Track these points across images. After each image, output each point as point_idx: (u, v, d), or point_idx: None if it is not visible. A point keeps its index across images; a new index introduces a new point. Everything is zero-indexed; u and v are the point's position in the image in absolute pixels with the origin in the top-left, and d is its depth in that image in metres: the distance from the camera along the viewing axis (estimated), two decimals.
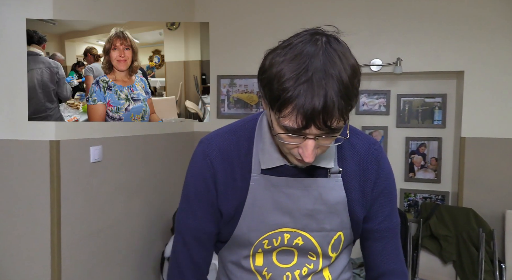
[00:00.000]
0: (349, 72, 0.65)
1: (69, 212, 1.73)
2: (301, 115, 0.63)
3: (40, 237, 1.66)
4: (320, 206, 0.82)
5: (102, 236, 1.97)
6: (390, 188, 0.89)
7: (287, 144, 0.71)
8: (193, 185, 0.86)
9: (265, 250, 0.86)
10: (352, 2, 2.74)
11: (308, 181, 0.82)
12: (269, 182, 0.82)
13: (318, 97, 0.62)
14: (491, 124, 2.55)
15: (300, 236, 0.84)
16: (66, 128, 1.70)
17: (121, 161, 2.11)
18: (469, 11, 2.55)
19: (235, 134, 0.86)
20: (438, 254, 2.53)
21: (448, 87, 2.78)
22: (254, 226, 0.83)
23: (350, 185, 0.85)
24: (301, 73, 0.63)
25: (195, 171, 0.86)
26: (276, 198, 0.82)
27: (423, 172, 2.85)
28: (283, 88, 0.64)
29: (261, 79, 0.71)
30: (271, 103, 0.67)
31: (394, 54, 2.68)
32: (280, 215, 0.82)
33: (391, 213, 0.90)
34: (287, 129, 0.67)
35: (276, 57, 0.67)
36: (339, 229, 0.85)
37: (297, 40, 0.67)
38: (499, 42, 2.51)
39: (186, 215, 0.88)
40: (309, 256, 0.87)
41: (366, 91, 2.91)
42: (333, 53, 0.65)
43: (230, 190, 0.83)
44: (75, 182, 1.76)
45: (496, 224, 2.51)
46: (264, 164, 0.81)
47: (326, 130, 0.65)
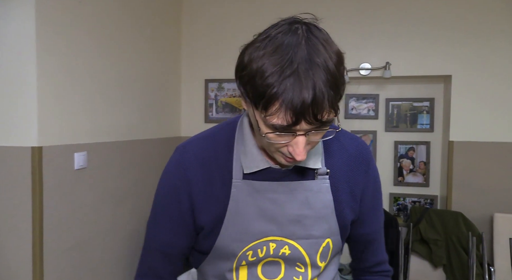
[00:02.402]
0: (334, 60, 0.61)
1: (52, 222, 1.65)
2: (290, 111, 0.59)
3: (21, 249, 1.57)
4: (307, 211, 0.77)
5: (87, 247, 1.88)
6: (378, 190, 0.89)
7: (275, 144, 0.66)
8: (163, 196, 0.81)
9: (249, 262, 0.80)
10: (341, 6, 2.74)
11: (294, 184, 0.77)
12: (252, 188, 0.76)
13: (307, 90, 0.58)
14: (479, 128, 2.58)
15: (287, 245, 0.78)
16: (49, 133, 1.62)
17: (107, 167, 2.03)
18: (456, 16, 2.58)
19: (213, 139, 0.80)
20: (429, 258, 2.53)
21: (435, 92, 2.80)
22: (237, 236, 0.77)
23: (339, 186, 0.80)
24: (285, 66, 0.58)
25: (166, 181, 0.81)
26: (260, 204, 0.76)
27: (412, 176, 2.86)
28: (267, 84, 0.59)
29: (240, 77, 0.65)
30: (255, 101, 0.62)
31: (383, 59, 2.68)
32: (264, 223, 0.77)
33: (379, 214, 0.91)
34: (275, 127, 0.62)
35: (256, 51, 0.62)
36: (328, 235, 0.80)
37: (276, 31, 0.62)
38: (486, 46, 2.55)
39: (154, 227, 0.84)
40: (296, 268, 0.81)
41: (355, 96, 2.91)
42: (315, 41, 0.61)
43: (210, 199, 0.78)
44: (58, 190, 1.68)
45: (484, 227, 2.53)
46: (247, 168, 0.76)
47: (317, 124, 0.61)
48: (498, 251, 2.43)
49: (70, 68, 1.75)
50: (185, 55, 2.98)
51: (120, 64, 2.14)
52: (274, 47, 0.60)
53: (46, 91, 1.59)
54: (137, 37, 2.32)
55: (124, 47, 2.18)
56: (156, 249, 0.84)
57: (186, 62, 2.98)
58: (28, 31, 1.52)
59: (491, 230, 2.49)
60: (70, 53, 1.74)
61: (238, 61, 0.67)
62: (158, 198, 0.83)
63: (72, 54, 1.75)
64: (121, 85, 2.16)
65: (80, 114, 1.82)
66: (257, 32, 0.67)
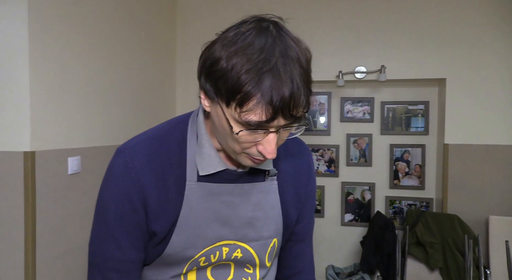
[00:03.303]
0: (304, 55, 0.62)
1: (45, 228, 1.61)
2: (269, 106, 0.58)
3: (13, 256, 1.53)
4: (258, 213, 0.77)
5: (81, 254, 1.85)
6: (315, 191, 0.92)
7: (244, 143, 0.64)
8: (114, 207, 0.72)
9: (200, 267, 0.77)
10: (336, 10, 2.75)
11: (247, 186, 0.76)
12: (207, 190, 0.73)
13: (286, 84, 0.58)
14: (474, 131, 2.59)
15: (239, 248, 0.78)
16: (42, 137, 1.59)
17: (101, 172, 1.98)
18: (451, 19, 2.60)
19: (163, 139, 0.74)
20: (425, 261, 2.53)
21: (430, 95, 2.81)
22: (190, 243, 0.73)
23: (285, 187, 0.81)
24: (262, 61, 0.58)
25: (115, 189, 0.72)
26: (215, 207, 0.74)
27: (408, 179, 2.86)
28: (243, 80, 0.58)
29: (209, 73, 0.62)
30: (228, 98, 0.60)
31: (378, 62, 2.69)
32: (218, 227, 0.75)
33: (313, 214, 0.92)
34: (249, 124, 0.60)
35: (227, 47, 0.60)
36: (275, 235, 0.81)
37: (246, 28, 0.62)
38: (480, 49, 2.56)
39: (106, 245, 0.73)
40: (245, 269, 0.81)
41: (350, 99, 2.91)
42: (286, 38, 0.62)
43: (163, 205, 0.72)
44: (51, 196, 1.65)
45: (480, 229, 2.54)
46: (203, 170, 0.72)
47: (291, 120, 0.61)
48: (494, 254, 2.44)
49: (64, 71, 1.72)
50: (179, 57, 2.97)
51: (114, 68, 2.12)
52: (247, 43, 0.59)
53: (39, 95, 1.57)
54: (132, 40, 2.30)
55: (118, 50, 2.15)
56: (111, 269, 0.74)
57: (181, 65, 2.96)
58: (21, 33, 1.50)
59: (487, 232, 2.50)
60: (64, 56, 1.72)
61: (204, 57, 0.65)
62: (106, 208, 0.73)
63: (65, 57, 1.73)
64: (115, 89, 2.13)
65: (73, 118, 1.79)
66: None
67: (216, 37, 0.65)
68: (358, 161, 2.91)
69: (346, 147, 2.92)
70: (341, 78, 2.70)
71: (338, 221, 2.95)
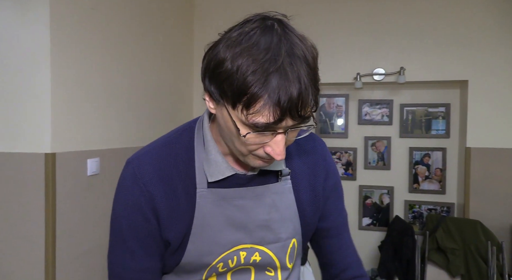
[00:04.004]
0: (312, 54, 0.60)
1: (64, 228, 1.64)
2: (277, 107, 0.56)
3: (33, 255, 1.56)
4: (274, 215, 0.75)
5: (100, 253, 1.88)
6: (338, 183, 0.88)
7: (251, 146, 0.63)
8: (126, 218, 0.72)
9: (219, 273, 0.76)
10: (354, 11, 2.72)
11: (260, 188, 0.74)
12: (218, 196, 0.72)
13: (294, 84, 0.56)
14: (497, 134, 2.51)
15: (257, 251, 0.76)
16: (62, 139, 1.62)
17: (119, 173, 2.01)
18: (473, 19, 2.53)
19: (170, 147, 0.74)
20: (446, 268, 2.46)
21: (451, 97, 2.75)
22: (206, 250, 0.73)
23: (300, 186, 0.79)
24: (268, 61, 0.56)
25: (126, 200, 0.72)
26: (228, 212, 0.73)
27: (428, 183, 2.79)
28: (250, 81, 0.56)
29: (214, 76, 0.61)
30: (234, 100, 0.58)
31: (397, 64, 2.64)
32: (233, 232, 0.73)
33: (342, 207, 0.89)
34: (257, 126, 0.58)
35: (231, 48, 0.59)
36: (293, 235, 0.79)
37: (250, 27, 0.60)
38: (503, 51, 2.49)
39: (122, 256, 0.74)
40: (267, 272, 0.79)
41: (369, 101, 2.87)
42: (292, 36, 0.60)
43: (174, 213, 0.72)
44: (71, 197, 1.68)
45: (504, 236, 2.46)
46: (212, 176, 0.71)
47: (299, 120, 0.60)
48: None
49: (84, 75, 1.75)
50: (197, 61, 2.99)
51: (132, 71, 2.15)
52: (252, 43, 0.58)
53: (59, 98, 1.60)
54: (150, 43, 2.33)
55: (136, 54, 2.18)
56: (129, 279, 0.75)
57: (199, 67, 2.96)
58: (43, 38, 1.53)
59: (511, 239, 2.42)
60: (84, 60, 1.75)
61: (208, 59, 0.63)
62: (119, 220, 0.74)
63: (85, 61, 1.76)
64: (133, 92, 2.16)
65: (93, 120, 1.82)
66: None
67: (219, 38, 0.63)
68: (376, 164, 2.87)
69: (364, 150, 2.88)
70: (359, 80, 2.66)
71: (355, 225, 2.90)
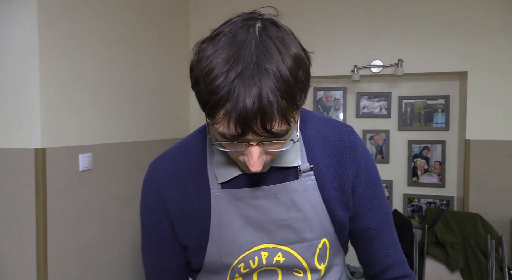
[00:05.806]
0: (289, 65, 0.53)
1: (56, 225, 1.62)
2: (234, 120, 0.53)
3: (25, 252, 1.54)
4: (295, 214, 0.71)
5: (93, 250, 1.86)
6: (374, 177, 0.78)
7: (230, 152, 0.62)
8: (143, 219, 0.80)
9: (243, 274, 0.74)
10: (352, 3, 2.67)
11: (276, 187, 0.70)
12: (232, 196, 0.70)
13: (250, 98, 0.51)
14: (497, 126, 2.47)
15: (280, 252, 0.72)
16: (53, 135, 1.59)
17: (113, 169, 2.00)
18: (472, 10, 2.49)
19: (184, 150, 0.76)
20: (445, 262, 2.44)
21: (451, 89, 2.70)
22: (225, 250, 0.72)
23: (326, 182, 0.73)
24: (230, 69, 0.52)
25: (142, 202, 0.79)
26: (244, 212, 0.70)
27: (427, 176, 2.76)
28: (212, 89, 0.53)
29: (191, 78, 0.59)
30: (202, 107, 0.57)
31: (395, 55, 2.60)
32: (252, 232, 0.71)
33: (380, 203, 0.79)
34: (224, 136, 0.56)
35: (204, 50, 0.55)
36: (323, 235, 0.73)
37: (228, 28, 0.56)
38: (503, 41, 2.44)
39: (145, 252, 0.82)
40: (295, 273, 0.75)
41: (367, 94, 2.83)
42: (268, 42, 0.54)
43: (188, 216, 0.72)
44: (63, 193, 1.65)
45: (504, 229, 2.43)
46: (221, 177, 0.70)
47: (266, 135, 0.55)
48: None
49: (74, 69, 1.72)
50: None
51: (125, 65, 2.11)
52: (221, 46, 0.54)
53: (49, 92, 1.57)
54: (144, 36, 2.29)
55: (129, 47, 2.15)
56: (153, 274, 0.82)
57: None
58: (31, 31, 1.50)
59: (511, 232, 2.39)
60: (74, 54, 1.72)
61: (192, 59, 0.59)
62: (141, 220, 0.81)
63: (76, 55, 1.73)
64: (127, 86, 2.13)
65: (84, 115, 1.79)
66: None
67: (203, 39, 0.60)
68: (374, 158, 2.83)
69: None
70: (357, 72, 2.62)
71: None
